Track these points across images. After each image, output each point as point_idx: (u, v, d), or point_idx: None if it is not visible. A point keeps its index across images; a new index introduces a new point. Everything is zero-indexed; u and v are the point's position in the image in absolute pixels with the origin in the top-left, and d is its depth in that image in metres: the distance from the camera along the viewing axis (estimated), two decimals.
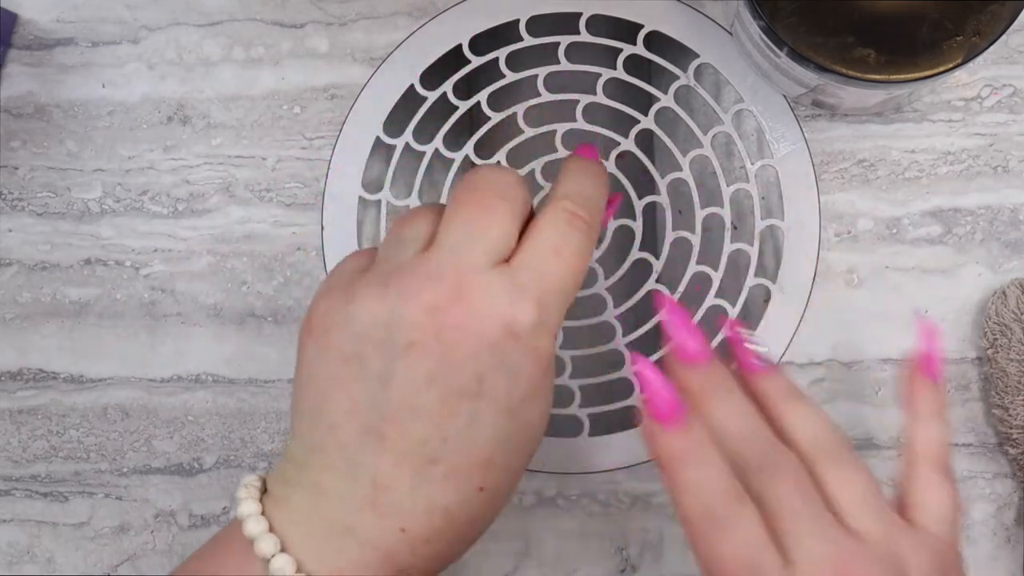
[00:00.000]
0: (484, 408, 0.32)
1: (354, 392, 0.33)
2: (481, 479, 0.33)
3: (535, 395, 0.33)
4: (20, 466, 0.50)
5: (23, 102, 0.50)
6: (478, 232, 0.33)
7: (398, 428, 0.32)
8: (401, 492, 0.32)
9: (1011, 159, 0.48)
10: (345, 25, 0.49)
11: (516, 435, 0.33)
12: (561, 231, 0.34)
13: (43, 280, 0.50)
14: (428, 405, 0.32)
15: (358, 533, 0.33)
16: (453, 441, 0.32)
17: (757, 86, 0.48)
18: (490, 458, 0.33)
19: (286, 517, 0.34)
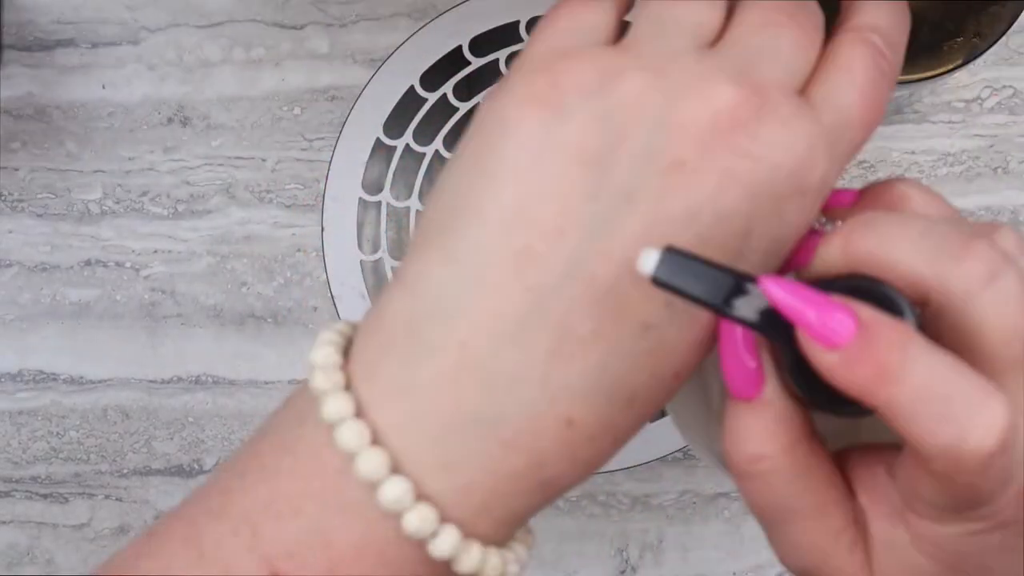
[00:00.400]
0: None
1: (578, 207, 0.24)
2: (682, 363, 0.25)
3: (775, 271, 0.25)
4: (20, 467, 0.50)
5: (23, 103, 0.50)
6: (786, 47, 0.25)
7: (616, 270, 0.23)
8: (587, 364, 0.24)
9: (1011, 160, 0.48)
10: (345, 26, 0.49)
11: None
12: (868, 70, 0.25)
13: (43, 281, 0.50)
14: None
15: (507, 427, 0.24)
16: (679, 307, 0.24)
17: None
18: (703, 339, 0.24)
19: (400, 410, 0.24)
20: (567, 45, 0.25)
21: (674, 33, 0.25)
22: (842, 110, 0.25)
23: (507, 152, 0.24)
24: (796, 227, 0.25)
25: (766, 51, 0.25)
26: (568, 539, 0.48)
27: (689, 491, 0.48)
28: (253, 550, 0.24)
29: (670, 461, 0.48)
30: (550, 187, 0.24)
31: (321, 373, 0.25)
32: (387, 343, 0.25)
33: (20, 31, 0.50)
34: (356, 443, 0.23)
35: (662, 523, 0.48)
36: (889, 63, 0.26)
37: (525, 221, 0.24)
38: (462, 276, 0.24)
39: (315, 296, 0.49)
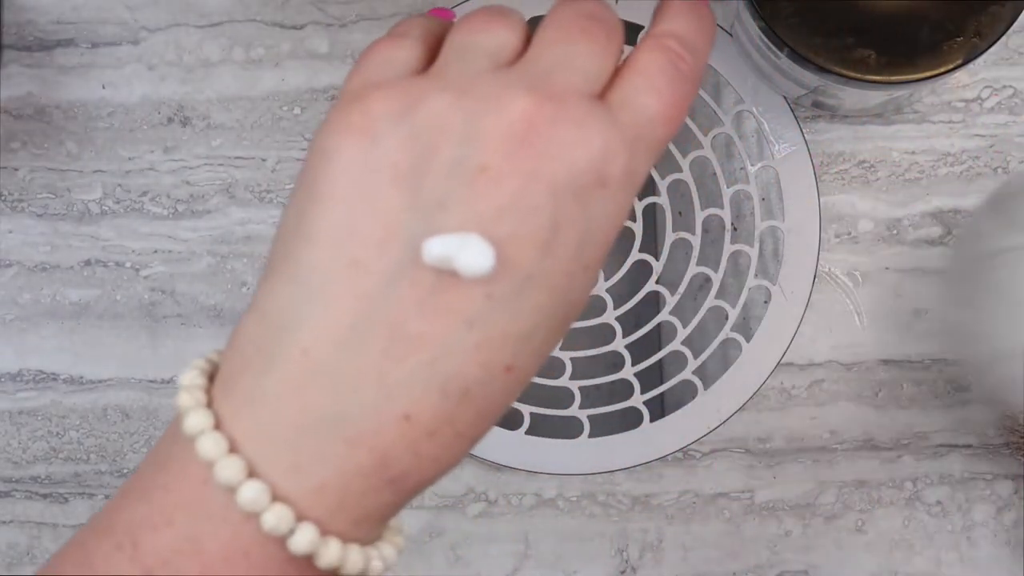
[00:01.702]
0: (547, 266, 0.26)
1: (397, 219, 0.26)
2: (512, 355, 0.26)
3: (596, 263, 0.27)
4: (20, 467, 0.50)
5: (23, 103, 0.50)
6: (580, 57, 0.27)
7: (435, 272, 0.26)
8: (417, 362, 0.26)
9: (1011, 160, 0.48)
10: (345, 26, 0.49)
11: (563, 308, 0.27)
12: (665, 72, 0.28)
13: (43, 281, 0.50)
14: None
15: (350, 425, 0.26)
16: (499, 301, 0.26)
17: (757, 87, 0.48)
18: (532, 330, 0.26)
19: (253, 419, 0.26)
20: (377, 78, 0.28)
21: (474, 57, 0.28)
22: (639, 109, 0.27)
23: (330, 177, 0.27)
24: (606, 217, 0.27)
25: (561, 62, 0.27)
26: (568, 539, 0.48)
27: (689, 491, 0.48)
28: (134, 561, 0.26)
29: (670, 461, 0.48)
30: (371, 204, 0.26)
31: (185, 393, 0.27)
32: (241, 361, 0.27)
33: (20, 31, 0.50)
34: (214, 452, 0.26)
35: (662, 523, 0.48)
36: (688, 64, 0.28)
37: (352, 236, 0.26)
38: (301, 292, 0.26)
39: None
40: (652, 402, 0.48)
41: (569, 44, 0.28)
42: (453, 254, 0.25)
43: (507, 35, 0.28)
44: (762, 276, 0.48)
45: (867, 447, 0.48)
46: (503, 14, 0.29)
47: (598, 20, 0.28)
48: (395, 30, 0.30)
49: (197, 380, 0.28)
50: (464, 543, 0.49)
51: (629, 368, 0.48)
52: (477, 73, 0.27)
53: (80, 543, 0.27)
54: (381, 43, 0.29)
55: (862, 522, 0.48)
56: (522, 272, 0.26)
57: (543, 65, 0.27)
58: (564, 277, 0.27)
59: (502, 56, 0.28)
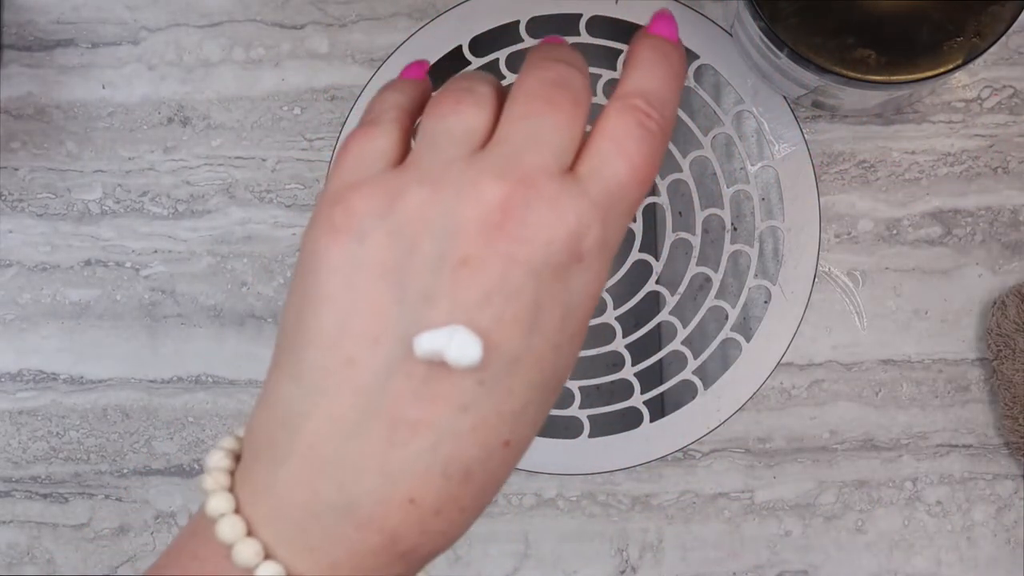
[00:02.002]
0: (533, 344, 0.27)
1: (387, 315, 0.27)
2: (510, 431, 0.28)
3: (581, 330, 0.28)
4: (20, 467, 0.50)
5: (23, 103, 0.50)
6: (547, 132, 0.28)
7: (427, 363, 0.27)
8: (418, 448, 0.27)
9: (1011, 160, 0.48)
10: (345, 26, 0.49)
11: (553, 379, 0.28)
12: (632, 134, 0.28)
13: (43, 281, 0.50)
14: None
15: (358, 511, 0.27)
16: (490, 384, 0.27)
17: (757, 87, 0.48)
18: (525, 406, 0.28)
19: (269, 505, 0.28)
20: (357, 176, 0.29)
21: (446, 144, 0.28)
22: (610, 177, 0.28)
23: (321, 278, 0.28)
24: (585, 287, 0.28)
25: (528, 140, 0.28)
26: (568, 539, 0.48)
27: (689, 491, 0.48)
28: None
29: (670, 461, 0.48)
30: (361, 302, 0.27)
31: (208, 476, 0.29)
32: (255, 452, 0.29)
33: (20, 31, 0.50)
34: (231, 536, 0.28)
35: (662, 523, 0.48)
36: (657, 121, 0.29)
37: (345, 335, 0.27)
38: (303, 390, 0.28)
39: None
40: (652, 402, 0.48)
41: (536, 118, 0.28)
42: (442, 348, 0.26)
43: (476, 116, 0.29)
44: (762, 276, 0.48)
45: (867, 447, 0.48)
46: (471, 92, 0.29)
47: (563, 88, 0.29)
48: (367, 116, 0.31)
49: (222, 462, 0.29)
50: (464, 543, 0.49)
51: (629, 368, 0.48)
52: (450, 161, 0.28)
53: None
54: (356, 136, 0.30)
55: (862, 522, 0.48)
56: (510, 354, 0.27)
57: (513, 145, 0.28)
58: (551, 352, 0.28)
59: (473, 139, 0.29)
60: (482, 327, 0.27)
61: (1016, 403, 0.46)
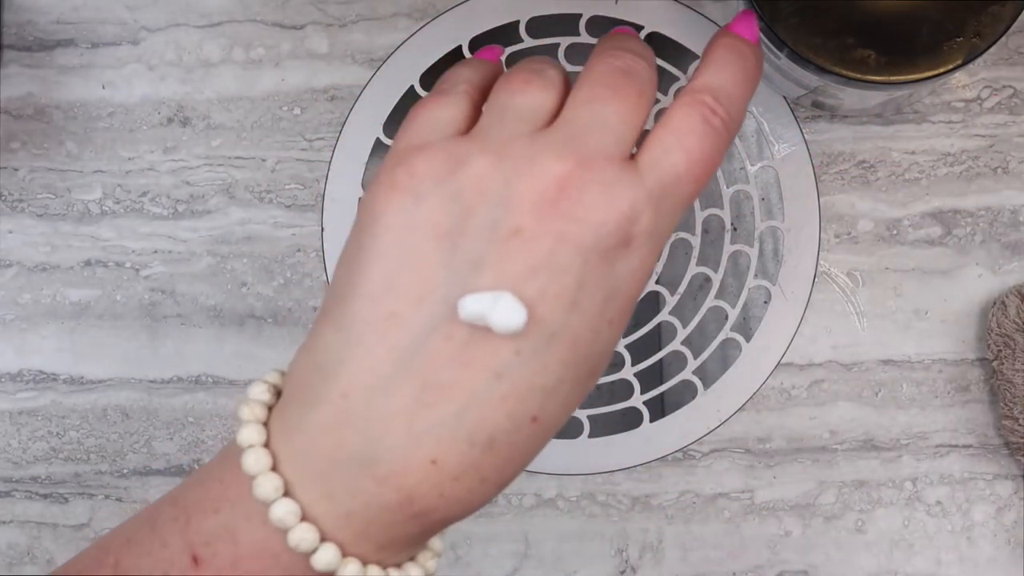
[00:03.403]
0: (573, 322, 0.28)
1: (434, 276, 0.28)
2: (539, 407, 0.28)
3: (622, 318, 0.29)
4: (20, 467, 0.50)
5: (23, 103, 0.50)
6: (611, 118, 0.29)
7: (468, 327, 0.27)
8: (446, 410, 0.27)
9: (1011, 160, 0.48)
10: (345, 26, 0.49)
11: (587, 362, 0.28)
12: (696, 130, 0.29)
13: (43, 281, 0.50)
14: None
15: (379, 465, 0.28)
16: (526, 355, 0.27)
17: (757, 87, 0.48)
18: (557, 384, 0.28)
19: (296, 446, 0.28)
20: (422, 139, 0.30)
21: (512, 119, 0.29)
22: (668, 169, 0.29)
23: (376, 234, 0.28)
24: (630, 274, 0.29)
25: (593, 125, 0.29)
26: (568, 539, 0.48)
27: (689, 491, 0.48)
28: (184, 534, 0.29)
29: (670, 461, 0.48)
30: (410, 261, 0.28)
31: (246, 406, 0.30)
32: (292, 392, 0.30)
33: (20, 31, 0.50)
34: (256, 468, 0.28)
35: (662, 523, 0.48)
36: (722, 119, 0.30)
37: (391, 291, 0.28)
38: (344, 339, 0.28)
39: (315, 296, 0.49)
40: (652, 402, 0.48)
41: (601, 104, 0.29)
42: (487, 312, 0.27)
43: (544, 96, 0.30)
44: (762, 276, 0.48)
45: (867, 447, 0.48)
46: (541, 74, 0.30)
47: (631, 76, 0.30)
48: (440, 86, 0.32)
49: (262, 396, 0.30)
50: (464, 543, 0.49)
51: (629, 368, 0.48)
52: (515, 136, 0.29)
53: (154, 507, 0.30)
54: (427, 102, 0.31)
55: (862, 522, 0.48)
56: (549, 328, 0.27)
57: (576, 127, 0.29)
58: (589, 332, 0.28)
59: (538, 118, 0.29)
60: (525, 299, 0.27)
61: (1016, 403, 0.46)
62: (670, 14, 0.48)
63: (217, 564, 0.28)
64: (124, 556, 0.30)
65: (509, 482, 0.30)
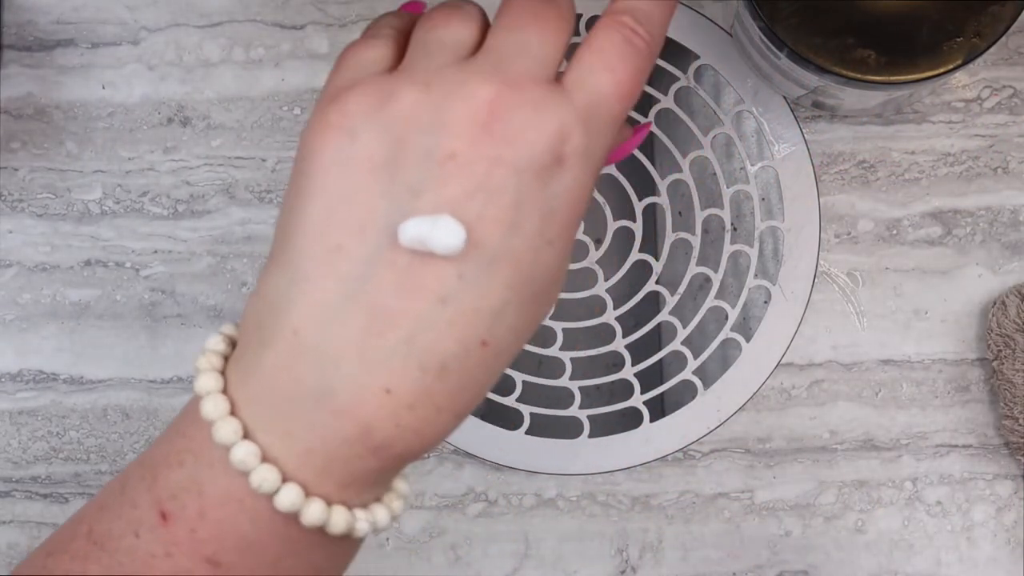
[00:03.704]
0: (513, 243, 0.28)
1: (374, 206, 0.28)
2: (487, 331, 0.28)
3: (564, 236, 0.29)
4: (20, 467, 0.50)
5: (23, 103, 0.50)
6: (534, 43, 0.29)
7: (409, 252, 0.28)
8: (396, 338, 0.28)
9: (1011, 160, 0.48)
10: (345, 26, 0.49)
11: (532, 283, 0.29)
12: (618, 49, 0.30)
13: (43, 281, 0.50)
14: None
15: (335, 398, 0.28)
16: (469, 278, 0.28)
17: (757, 87, 0.48)
18: (503, 306, 0.28)
19: (252, 389, 0.29)
20: (351, 78, 0.30)
21: (437, 51, 0.30)
22: (594, 88, 0.29)
23: (313, 172, 0.29)
24: (566, 192, 0.29)
25: (516, 49, 0.29)
26: (568, 539, 0.48)
27: (689, 491, 0.48)
28: (151, 492, 0.29)
29: (670, 461, 0.48)
30: (349, 193, 0.28)
31: (203, 356, 0.30)
32: (245, 337, 0.30)
33: (20, 31, 0.50)
34: (214, 414, 0.28)
35: (662, 523, 0.48)
36: (643, 39, 0.30)
37: (333, 224, 0.28)
38: (291, 276, 0.29)
39: None
40: (652, 402, 0.48)
41: (523, 31, 0.30)
42: (427, 234, 0.27)
43: (465, 27, 0.30)
44: (762, 276, 0.48)
45: (867, 447, 0.48)
46: (460, 8, 0.31)
47: (549, 4, 0.30)
48: (367, 32, 0.32)
49: (218, 346, 0.30)
50: (464, 543, 0.49)
51: (629, 368, 0.48)
52: (441, 66, 0.29)
53: (124, 472, 0.31)
54: (354, 45, 0.31)
55: (862, 522, 0.48)
56: (489, 250, 0.28)
57: (500, 54, 0.29)
58: (530, 253, 0.28)
59: (462, 48, 0.30)
60: (464, 221, 0.27)
61: (1016, 403, 0.46)
62: None
63: (185, 516, 0.28)
64: (96, 522, 0.30)
65: (465, 413, 0.29)
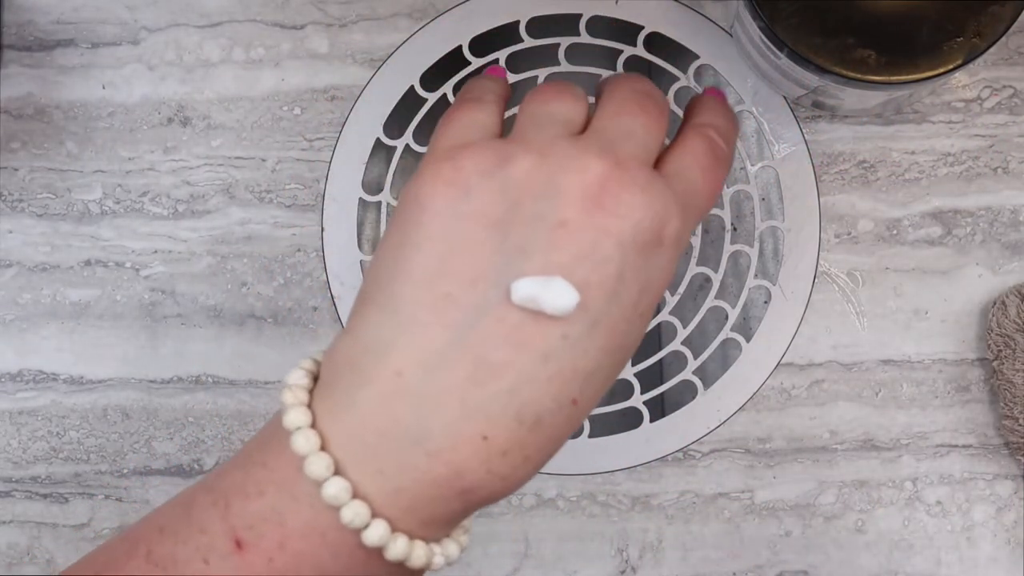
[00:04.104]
0: (612, 311, 0.30)
1: (486, 261, 0.29)
2: (579, 390, 0.30)
3: (650, 312, 0.31)
4: (20, 467, 0.50)
5: (23, 103, 0.50)
6: (639, 130, 0.32)
7: (519, 309, 0.29)
8: (497, 388, 0.29)
9: (1011, 160, 0.48)
10: (345, 26, 0.49)
11: (620, 350, 0.30)
12: (707, 154, 0.33)
13: (43, 281, 0.50)
14: None
15: (431, 440, 0.29)
16: (572, 339, 0.29)
17: (757, 87, 0.48)
18: (596, 368, 0.30)
19: (345, 425, 0.29)
20: (464, 139, 0.32)
21: (549, 125, 0.32)
22: (690, 181, 0.32)
23: (424, 223, 0.30)
24: (659, 271, 0.31)
25: (622, 133, 0.31)
26: (568, 539, 0.48)
27: (689, 491, 0.48)
28: (224, 519, 0.29)
29: (670, 461, 0.48)
30: (462, 246, 0.30)
31: (288, 391, 0.30)
32: (336, 374, 0.30)
33: (20, 31, 0.50)
34: (306, 448, 0.29)
35: (662, 523, 0.48)
36: (723, 151, 0.34)
37: (445, 274, 0.30)
38: (395, 320, 0.30)
39: (315, 296, 0.49)
40: (652, 402, 0.48)
41: (629, 117, 0.32)
42: (540, 294, 0.29)
43: (575, 106, 0.33)
44: (762, 276, 0.48)
45: (867, 447, 0.48)
46: (570, 88, 0.33)
47: (651, 98, 0.33)
48: (470, 95, 0.35)
49: (302, 380, 0.31)
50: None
51: (629, 368, 0.48)
52: (554, 138, 0.31)
53: (186, 495, 0.31)
54: (463, 107, 0.34)
55: (862, 522, 0.48)
56: (592, 315, 0.29)
57: (609, 135, 0.31)
58: (625, 323, 0.30)
59: (573, 124, 0.32)
60: (572, 285, 0.29)
61: (1016, 403, 0.46)
62: (670, 14, 0.48)
63: (262, 546, 0.29)
64: (157, 545, 0.30)
65: (545, 462, 0.31)
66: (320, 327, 0.49)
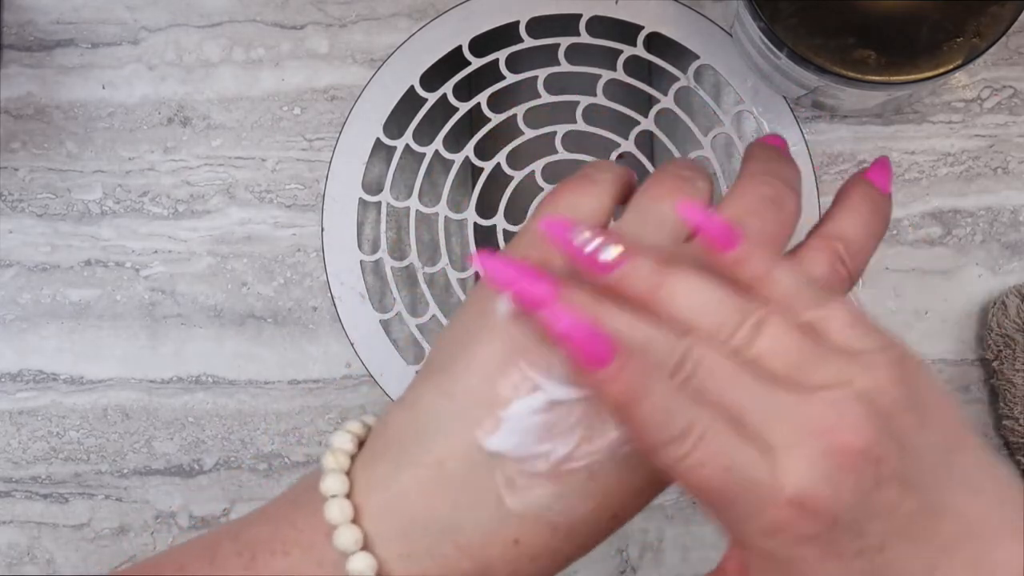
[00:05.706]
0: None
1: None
2: (621, 506, 0.30)
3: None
4: (20, 467, 0.50)
5: (23, 103, 0.50)
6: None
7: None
8: (539, 498, 0.29)
9: (1011, 160, 0.48)
10: (345, 26, 0.49)
11: (665, 478, 0.30)
12: (823, 275, 0.31)
13: (43, 281, 0.50)
14: None
15: (462, 535, 0.29)
16: (621, 459, 0.29)
17: (757, 87, 0.48)
18: (642, 489, 0.30)
19: (380, 502, 0.29)
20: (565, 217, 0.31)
21: (655, 226, 0.31)
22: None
23: (493, 325, 0.29)
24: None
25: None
26: None
27: None
28: (247, 570, 0.29)
29: None
30: (527, 350, 0.29)
31: (331, 455, 0.30)
32: (384, 447, 0.30)
33: (20, 31, 0.50)
34: (340, 517, 0.29)
35: (662, 523, 0.48)
36: (848, 270, 0.31)
37: (503, 377, 0.29)
38: (451, 408, 0.29)
39: (315, 296, 0.49)
40: None
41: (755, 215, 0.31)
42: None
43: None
44: None
45: None
46: (690, 182, 0.32)
47: (777, 208, 0.32)
48: (586, 172, 0.33)
49: (346, 445, 0.31)
50: None
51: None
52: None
53: (210, 539, 0.31)
54: (572, 185, 0.32)
55: None
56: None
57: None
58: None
59: (680, 232, 0.31)
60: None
61: (1016, 403, 0.46)
62: (670, 14, 0.48)
63: None
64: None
65: (574, 562, 0.31)
66: (320, 327, 0.49)
